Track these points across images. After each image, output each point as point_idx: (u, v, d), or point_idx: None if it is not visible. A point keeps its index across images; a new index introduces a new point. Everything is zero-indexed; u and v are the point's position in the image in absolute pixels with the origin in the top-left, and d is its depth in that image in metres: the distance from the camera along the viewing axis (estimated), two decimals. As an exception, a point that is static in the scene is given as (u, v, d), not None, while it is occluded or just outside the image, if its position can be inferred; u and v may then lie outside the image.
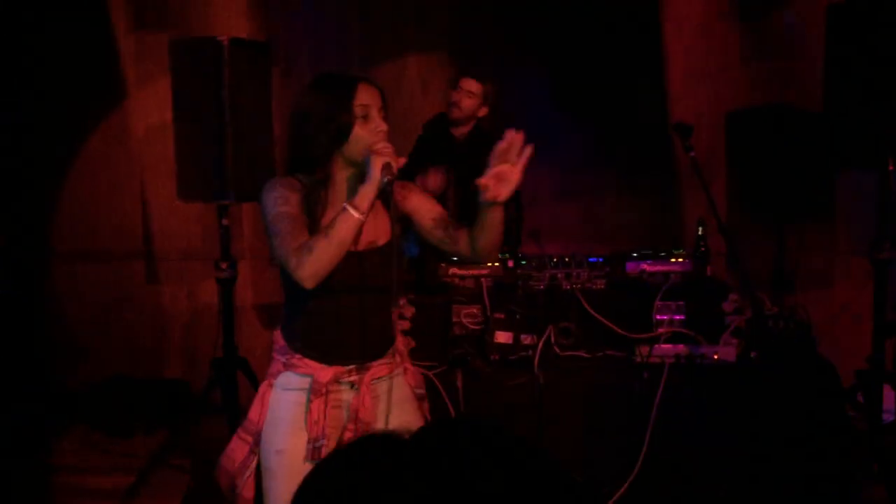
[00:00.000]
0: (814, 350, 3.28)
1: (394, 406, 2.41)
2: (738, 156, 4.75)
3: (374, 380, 2.41)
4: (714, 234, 3.30)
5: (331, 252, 2.20)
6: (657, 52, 4.82)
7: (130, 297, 4.94)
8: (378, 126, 2.27)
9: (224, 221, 3.81)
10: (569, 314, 3.30)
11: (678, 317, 3.27)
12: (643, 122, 4.69)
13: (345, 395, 2.39)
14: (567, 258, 3.43)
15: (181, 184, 3.68)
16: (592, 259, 3.45)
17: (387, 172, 2.19)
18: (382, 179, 2.19)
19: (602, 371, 3.20)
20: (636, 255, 3.48)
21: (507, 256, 3.46)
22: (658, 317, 3.26)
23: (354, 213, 2.18)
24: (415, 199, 2.45)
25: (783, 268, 4.62)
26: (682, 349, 3.15)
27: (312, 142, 2.29)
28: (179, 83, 3.64)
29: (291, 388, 2.37)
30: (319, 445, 2.33)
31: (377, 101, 2.29)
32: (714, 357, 3.13)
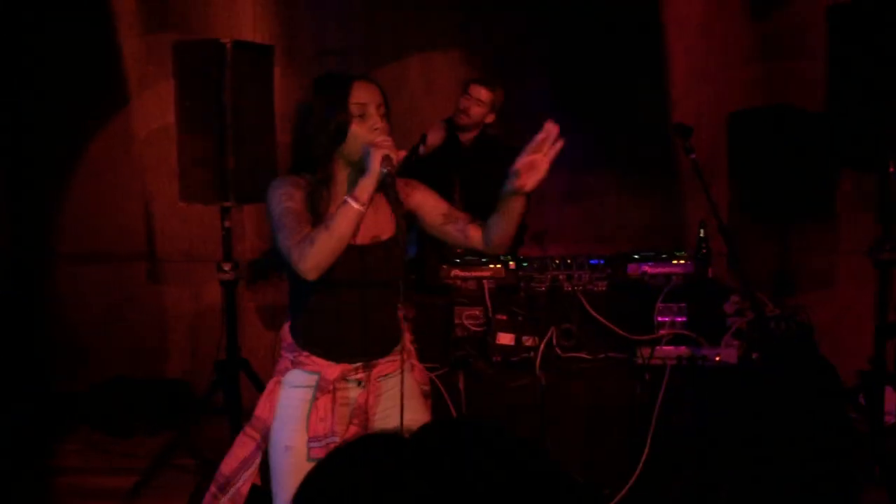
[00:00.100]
0: (815, 351, 3.27)
1: (398, 404, 2.37)
2: (740, 156, 4.74)
3: (382, 377, 2.42)
4: (716, 236, 3.29)
5: (332, 244, 2.21)
6: (658, 53, 4.82)
7: (133, 299, 4.95)
8: (375, 124, 2.28)
9: (226, 223, 3.82)
10: (570, 316, 3.30)
11: (680, 318, 3.27)
12: (645, 123, 4.69)
13: (351, 393, 2.40)
14: (569, 260, 3.43)
15: (183, 186, 3.69)
16: (594, 261, 3.45)
17: (386, 164, 2.19)
18: (382, 171, 2.19)
19: (604, 373, 3.20)
20: (638, 257, 3.48)
21: (509, 258, 3.46)
22: (659, 318, 3.26)
23: (354, 205, 2.19)
24: (419, 195, 2.46)
25: (785, 269, 4.61)
26: (684, 351, 3.15)
27: (313, 142, 2.31)
28: (182, 85, 3.65)
29: (299, 386, 2.38)
30: (327, 443, 2.34)
31: (375, 99, 2.30)
32: (716, 359, 3.13)
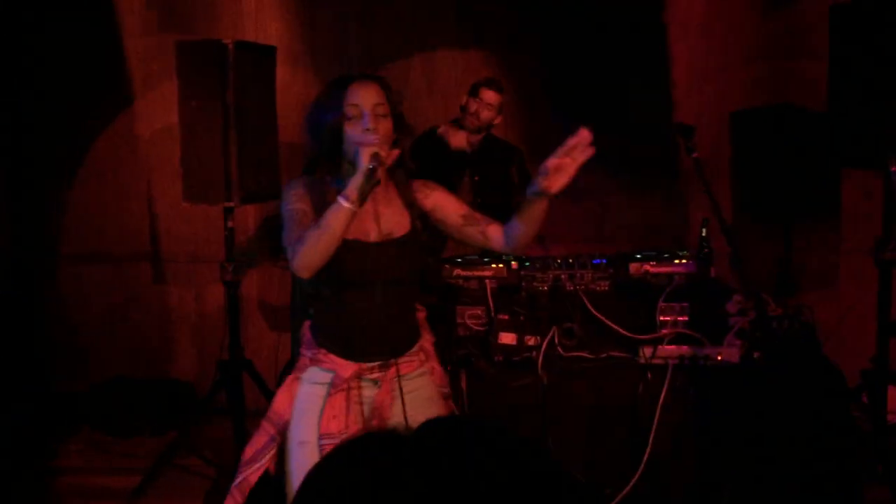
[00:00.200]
0: (818, 351, 3.27)
1: (420, 405, 2.43)
2: (742, 156, 4.74)
3: (399, 377, 2.43)
4: (718, 235, 3.29)
5: (321, 243, 2.23)
6: (660, 53, 4.82)
7: (136, 299, 4.96)
8: (367, 124, 2.30)
9: (229, 223, 3.83)
10: (573, 315, 3.29)
11: (682, 318, 3.26)
12: (646, 123, 4.68)
13: (367, 392, 2.42)
14: (571, 259, 3.42)
15: (187, 186, 3.70)
16: (596, 260, 3.44)
17: (374, 160, 2.21)
18: (368, 166, 2.21)
19: (606, 372, 3.19)
20: (640, 257, 3.47)
21: (511, 257, 3.46)
22: (662, 318, 3.25)
23: (344, 204, 2.21)
24: (437, 197, 2.48)
25: (788, 268, 4.60)
26: (686, 350, 3.14)
27: (317, 143, 2.36)
28: (185, 85, 3.66)
29: (316, 383, 2.42)
30: (340, 440, 2.32)
31: (370, 100, 2.32)
32: (718, 358, 3.13)
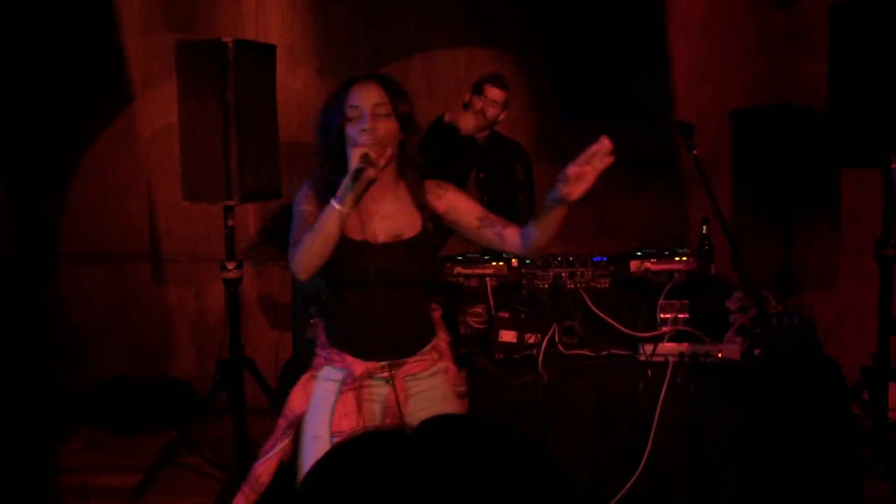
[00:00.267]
0: (818, 348, 3.27)
1: (433, 403, 2.44)
2: (743, 154, 4.74)
3: (410, 376, 2.44)
4: (719, 233, 3.30)
5: (315, 245, 2.27)
6: (660, 52, 4.82)
7: (137, 298, 4.96)
8: (364, 124, 2.31)
9: (229, 222, 3.83)
10: (573, 313, 3.30)
11: (682, 315, 3.26)
12: (647, 122, 4.69)
13: (379, 390, 2.43)
14: (571, 257, 3.42)
15: (186, 185, 3.70)
16: (596, 258, 3.44)
17: (363, 162, 2.23)
18: (356, 168, 2.23)
19: (606, 369, 3.19)
20: (640, 254, 3.47)
21: (512, 255, 3.46)
22: (662, 315, 3.26)
23: (336, 206, 2.25)
24: (451, 198, 2.48)
25: (788, 266, 4.61)
26: (687, 347, 3.14)
27: (325, 145, 2.40)
28: (185, 84, 3.66)
29: (330, 380, 2.45)
30: (337, 441, 2.36)
31: (370, 100, 2.33)
32: (718, 355, 3.13)
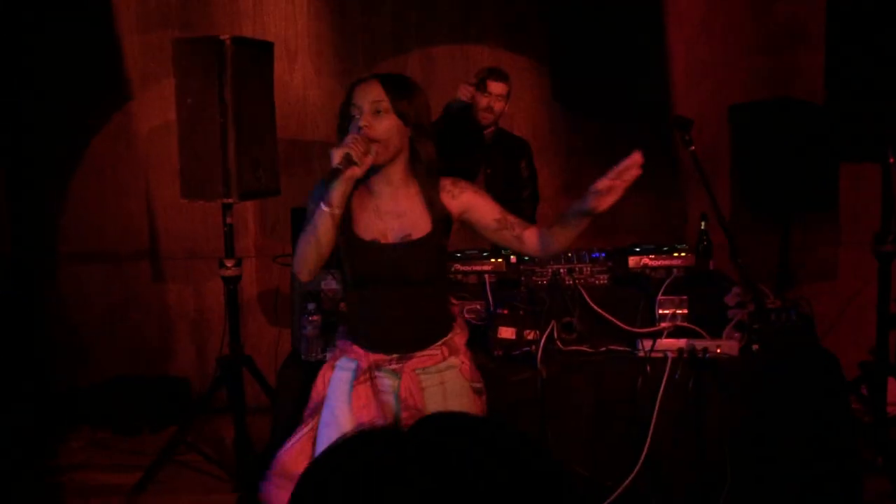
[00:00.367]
0: (816, 343, 3.27)
1: (448, 399, 2.46)
2: (742, 149, 4.73)
3: (420, 369, 2.47)
4: (717, 229, 3.30)
5: (308, 247, 2.34)
6: (659, 47, 4.82)
7: (136, 297, 4.96)
8: (360, 123, 2.34)
9: (228, 220, 3.82)
10: (572, 309, 3.30)
11: (681, 311, 3.27)
12: (645, 117, 4.68)
13: (389, 382, 2.46)
14: (569, 253, 3.42)
15: (185, 183, 3.70)
16: (595, 254, 3.45)
17: (344, 162, 2.24)
18: (333, 167, 2.25)
19: (605, 366, 3.19)
20: (639, 250, 3.48)
21: (510, 252, 3.46)
22: (661, 311, 3.26)
23: (324, 208, 2.30)
24: (468, 198, 2.49)
25: (787, 261, 4.60)
26: (685, 343, 3.14)
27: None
28: (182, 82, 3.66)
29: (345, 370, 2.51)
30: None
31: (368, 98, 2.35)
32: (717, 350, 3.13)
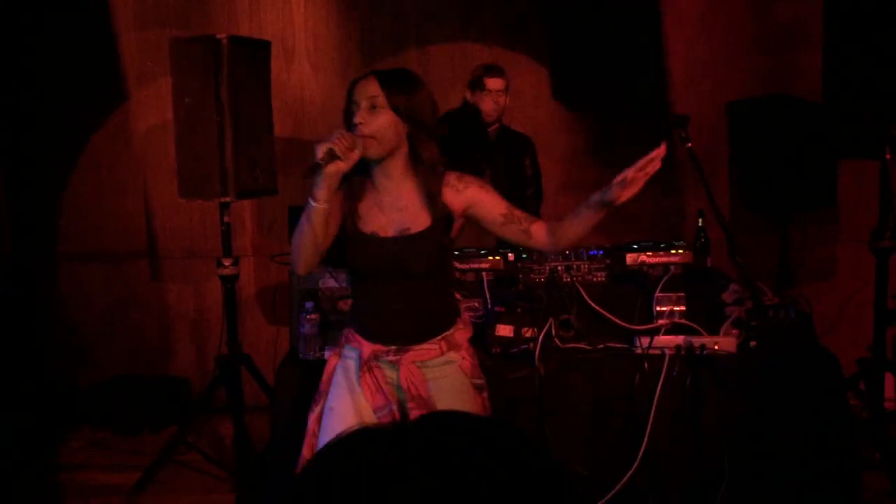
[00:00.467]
0: (814, 340, 3.27)
1: (445, 394, 2.46)
2: (740, 146, 4.72)
3: (419, 362, 2.48)
4: (716, 225, 3.29)
5: (299, 241, 2.37)
6: (657, 44, 4.81)
7: (135, 296, 4.96)
8: (356, 118, 2.37)
9: (226, 219, 3.82)
10: (569, 307, 3.30)
11: (678, 308, 3.27)
12: (643, 114, 4.68)
13: (389, 373, 2.50)
14: (567, 251, 3.43)
15: (182, 182, 3.70)
16: (593, 251, 3.45)
17: (327, 155, 2.26)
18: (314, 162, 2.27)
19: (603, 363, 3.19)
20: (636, 247, 3.48)
21: (508, 250, 3.46)
22: (658, 308, 3.26)
23: (311, 202, 2.32)
24: (473, 193, 2.49)
25: (786, 259, 4.60)
26: (683, 340, 3.14)
27: None
28: (179, 81, 3.66)
29: (349, 358, 2.55)
30: (390, 410, 2.46)
31: (364, 94, 2.38)
32: (715, 347, 3.13)
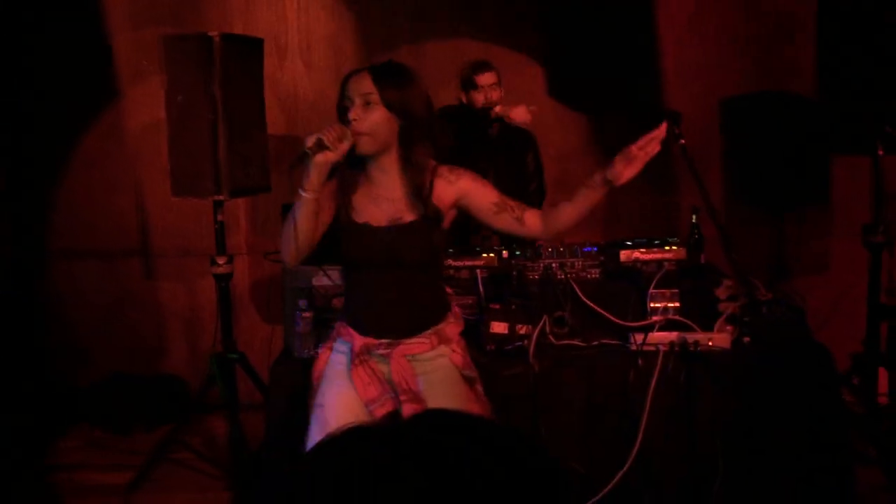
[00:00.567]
0: (808, 335, 3.27)
1: (436, 388, 2.47)
2: (733, 142, 4.73)
3: (410, 356, 2.49)
4: (709, 222, 3.30)
5: (289, 231, 2.37)
6: (650, 40, 4.81)
7: (129, 295, 4.95)
8: (350, 114, 2.38)
9: (219, 217, 3.82)
10: (564, 303, 3.30)
11: (672, 304, 3.27)
12: (637, 111, 4.67)
13: (381, 367, 2.50)
14: (561, 248, 3.43)
15: (175, 180, 3.69)
16: (586, 248, 3.45)
17: (316, 145, 2.28)
18: (301, 151, 2.28)
19: (597, 359, 3.19)
20: (630, 244, 3.48)
21: (502, 247, 3.46)
22: (652, 305, 3.26)
23: (300, 192, 2.33)
24: (465, 184, 2.50)
25: (780, 254, 4.61)
26: (677, 336, 3.15)
27: None
28: (172, 79, 3.64)
29: (340, 352, 2.54)
30: (383, 402, 2.46)
31: (358, 90, 2.39)
32: (709, 344, 3.13)
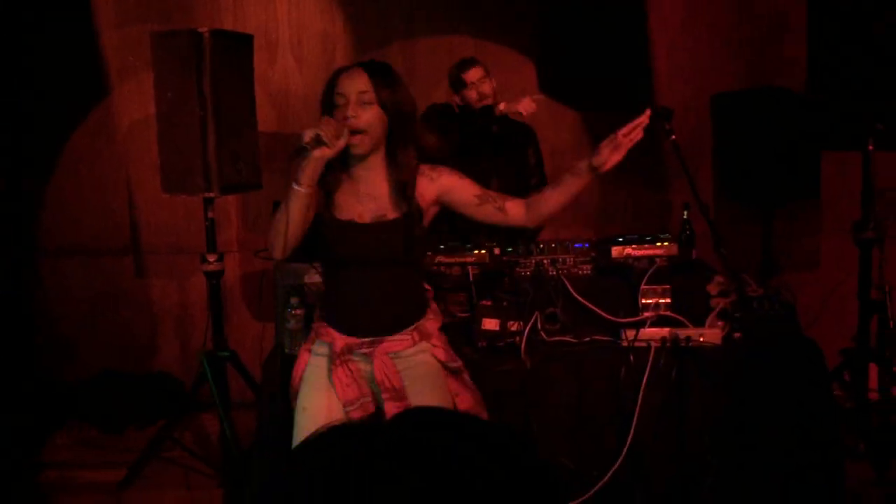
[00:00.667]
0: (798, 331, 3.28)
1: (418, 383, 2.48)
2: (724, 139, 4.74)
3: (392, 353, 2.49)
4: (700, 218, 3.30)
5: (280, 224, 2.36)
6: (642, 36, 4.81)
7: (119, 293, 4.92)
8: (346, 112, 2.37)
9: (209, 214, 3.80)
10: (555, 300, 3.30)
11: (664, 300, 3.28)
12: (629, 107, 4.67)
13: (362, 366, 2.49)
14: (553, 244, 3.44)
15: (165, 177, 3.67)
16: (578, 244, 3.46)
17: (313, 140, 2.28)
18: (298, 146, 2.29)
19: (589, 355, 3.20)
20: (621, 240, 3.48)
21: (494, 244, 3.46)
22: (644, 301, 3.28)
23: (294, 186, 2.33)
24: (446, 180, 2.52)
25: (770, 251, 4.62)
26: (668, 332, 3.15)
27: None
28: (161, 76, 3.63)
29: (320, 354, 2.54)
30: (361, 403, 2.46)
31: (354, 88, 2.39)
32: (700, 339, 3.14)
